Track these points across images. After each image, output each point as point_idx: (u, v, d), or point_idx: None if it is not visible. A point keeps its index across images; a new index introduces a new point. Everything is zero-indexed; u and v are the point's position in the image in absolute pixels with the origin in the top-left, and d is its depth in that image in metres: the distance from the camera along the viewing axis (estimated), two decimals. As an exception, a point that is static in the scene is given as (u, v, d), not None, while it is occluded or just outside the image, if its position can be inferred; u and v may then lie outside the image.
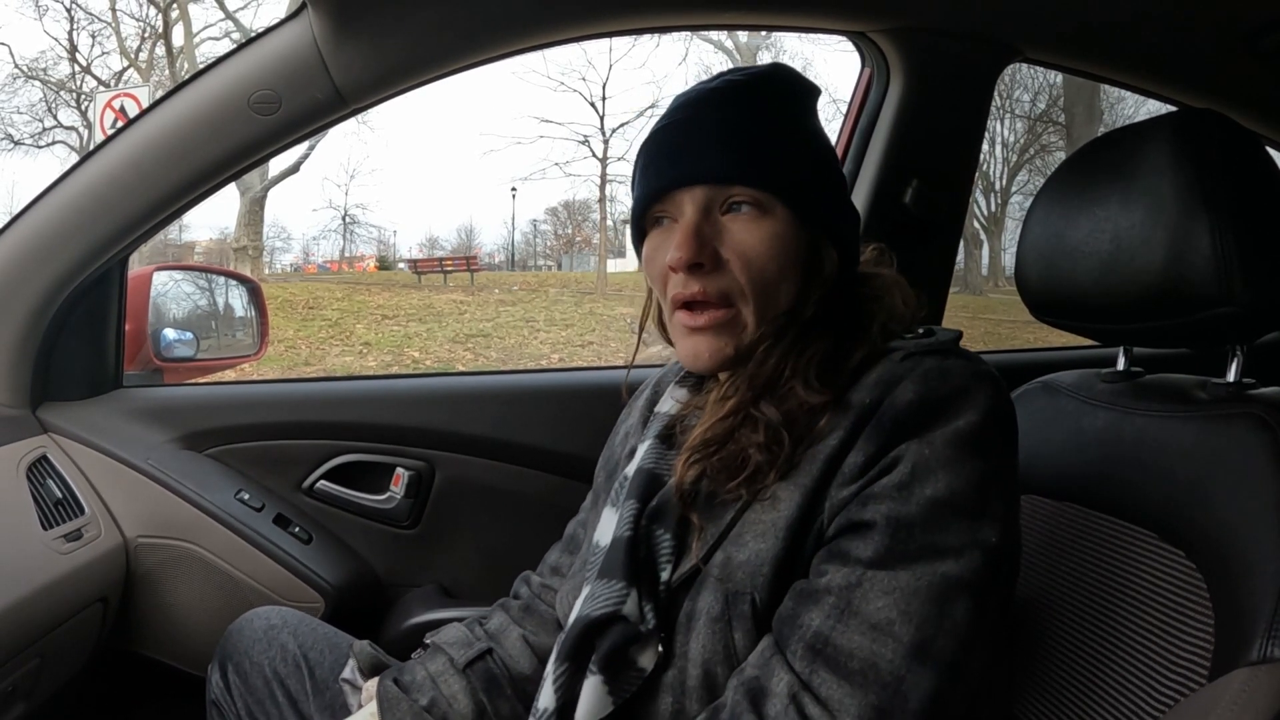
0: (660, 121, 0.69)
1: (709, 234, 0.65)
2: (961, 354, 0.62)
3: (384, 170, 29.84)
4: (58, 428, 1.11)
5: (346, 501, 1.20)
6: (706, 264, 0.64)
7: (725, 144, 0.64)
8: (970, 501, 0.55)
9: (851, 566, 0.56)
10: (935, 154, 1.21)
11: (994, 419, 0.58)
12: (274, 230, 17.49)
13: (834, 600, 0.55)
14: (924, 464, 0.56)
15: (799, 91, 0.70)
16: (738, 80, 0.68)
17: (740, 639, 0.59)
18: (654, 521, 0.66)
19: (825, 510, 0.59)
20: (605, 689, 0.61)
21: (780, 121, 0.67)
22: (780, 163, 0.65)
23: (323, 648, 0.86)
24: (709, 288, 0.64)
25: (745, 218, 0.65)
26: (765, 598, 0.59)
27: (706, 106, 0.67)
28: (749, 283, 0.64)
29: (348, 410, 1.22)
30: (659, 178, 0.66)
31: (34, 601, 0.86)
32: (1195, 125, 0.68)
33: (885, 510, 0.56)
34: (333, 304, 9.26)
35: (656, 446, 0.73)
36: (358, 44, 0.92)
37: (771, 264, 0.64)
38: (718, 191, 0.65)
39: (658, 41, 14.62)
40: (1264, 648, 0.54)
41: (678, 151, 0.66)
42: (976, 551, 0.55)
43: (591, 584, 0.66)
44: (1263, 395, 0.67)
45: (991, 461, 0.57)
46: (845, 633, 0.54)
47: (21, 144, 13.40)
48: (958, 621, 0.53)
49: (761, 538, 0.60)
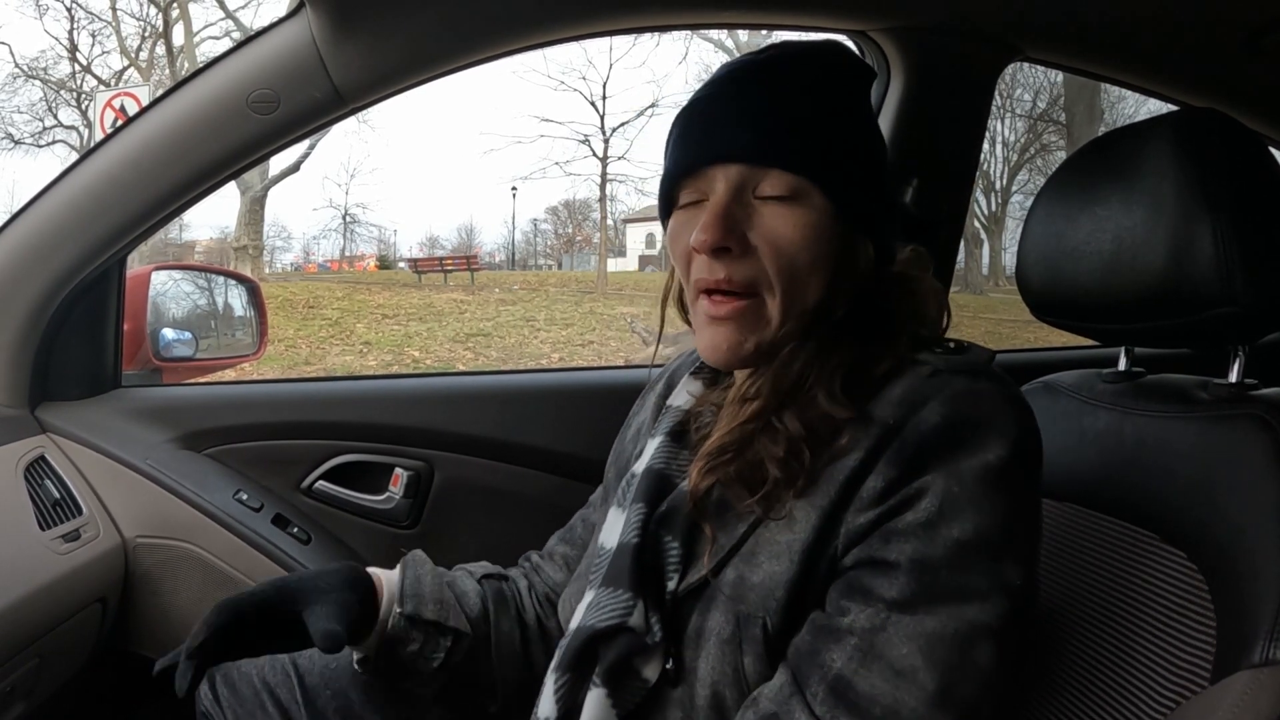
0: (700, 91, 0.65)
1: (739, 216, 0.60)
2: (993, 376, 0.58)
3: (384, 169, 29.96)
4: (56, 427, 1.11)
5: (345, 502, 1.19)
6: (734, 249, 0.60)
7: (764, 122, 0.60)
8: (996, 542, 0.53)
9: (875, 607, 0.53)
10: (936, 153, 1.20)
11: (1023, 450, 0.55)
12: (274, 229, 17.56)
13: (856, 642, 0.53)
14: (952, 502, 0.53)
15: (853, 73, 0.65)
16: (787, 54, 0.63)
17: (750, 663, 0.57)
18: (662, 528, 0.63)
19: (841, 536, 0.56)
20: (609, 701, 0.59)
21: (827, 104, 0.62)
22: (822, 148, 0.61)
23: (312, 654, 0.82)
24: (734, 274, 0.60)
25: (779, 203, 0.60)
26: (777, 622, 0.56)
27: (750, 81, 0.62)
28: (778, 273, 0.60)
29: (347, 410, 1.22)
30: (691, 151, 0.63)
31: (32, 602, 0.86)
32: (1197, 125, 0.68)
33: (910, 551, 0.53)
34: (333, 303, 9.26)
35: (668, 444, 0.70)
36: (356, 43, 0.92)
37: (803, 254, 0.60)
38: (752, 173, 0.61)
39: (658, 41, 14.64)
40: (1266, 650, 0.54)
41: (714, 125, 0.62)
42: (1001, 596, 0.53)
43: (596, 591, 0.64)
44: (1264, 396, 0.66)
45: (1017, 499, 0.55)
46: (868, 677, 0.52)
47: (22, 143, 13.45)
48: (981, 667, 0.52)
49: (776, 559, 0.57)
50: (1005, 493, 0.54)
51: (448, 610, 0.77)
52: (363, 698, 0.80)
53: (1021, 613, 0.54)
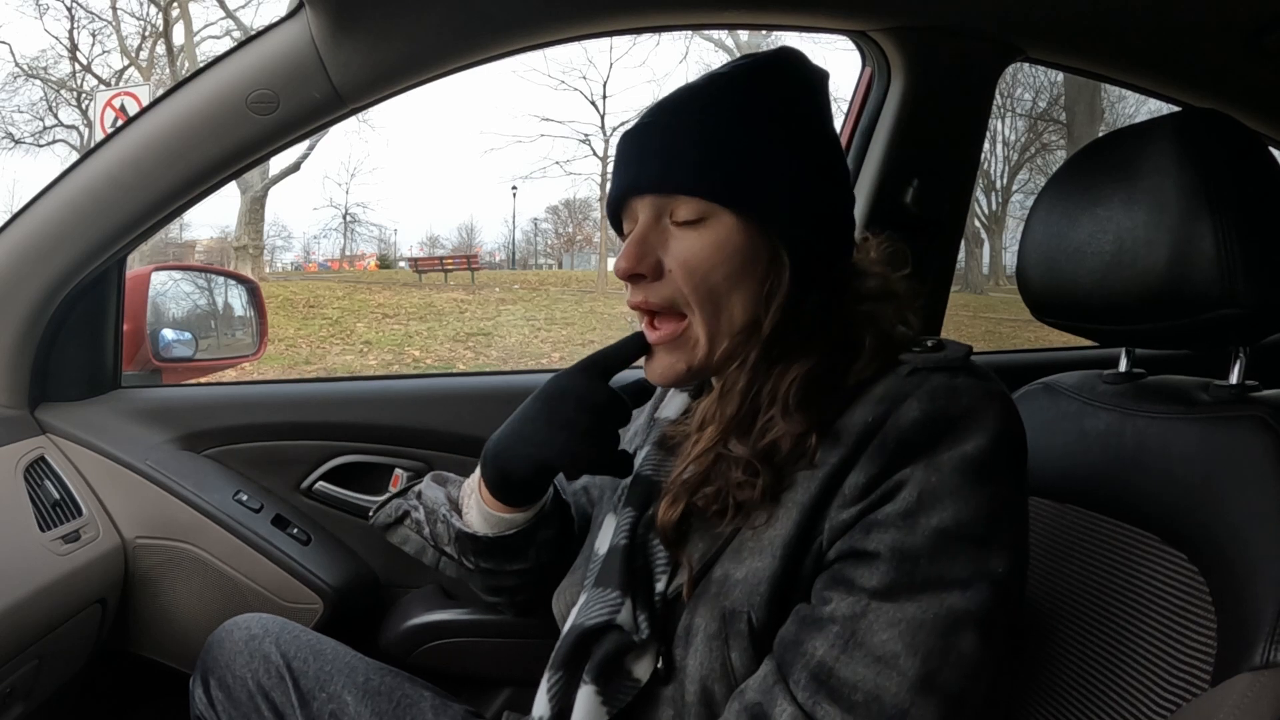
0: (630, 123, 0.68)
1: (654, 243, 0.63)
2: (972, 371, 0.59)
3: (385, 169, 29.95)
4: (56, 428, 1.11)
5: (345, 502, 1.19)
6: (647, 274, 0.63)
7: (664, 152, 0.63)
8: (978, 531, 0.54)
9: (856, 595, 0.54)
10: (936, 153, 1.20)
11: (1004, 442, 0.56)
12: (275, 229, 17.58)
13: (838, 630, 0.54)
14: (930, 492, 0.54)
15: (777, 86, 0.65)
16: (715, 78, 0.65)
17: (737, 658, 0.58)
18: (651, 530, 0.65)
19: (825, 531, 0.57)
20: (599, 699, 0.60)
21: (734, 123, 0.63)
22: (730, 170, 0.62)
23: (306, 655, 0.83)
24: (651, 297, 0.64)
25: (690, 227, 0.62)
26: (762, 617, 0.57)
27: (661, 112, 0.65)
28: (692, 292, 0.62)
29: (346, 411, 1.21)
30: (616, 185, 0.66)
31: (32, 603, 0.86)
32: (1198, 125, 0.68)
33: (890, 540, 0.54)
34: (333, 303, 9.27)
35: (655, 452, 0.72)
36: (356, 43, 0.92)
37: (715, 273, 0.61)
38: (664, 200, 0.63)
39: (658, 40, 14.64)
40: (1267, 652, 0.54)
41: (630, 159, 0.65)
42: (984, 583, 0.53)
43: (588, 592, 0.66)
44: (1266, 397, 0.66)
45: (1001, 488, 0.55)
46: (849, 664, 0.53)
47: (22, 143, 13.47)
48: (964, 654, 0.52)
49: (758, 555, 0.58)
50: (986, 483, 0.55)
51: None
52: (358, 699, 0.80)
53: (1007, 602, 0.55)
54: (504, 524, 0.74)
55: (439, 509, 0.81)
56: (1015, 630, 0.59)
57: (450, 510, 0.79)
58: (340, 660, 0.83)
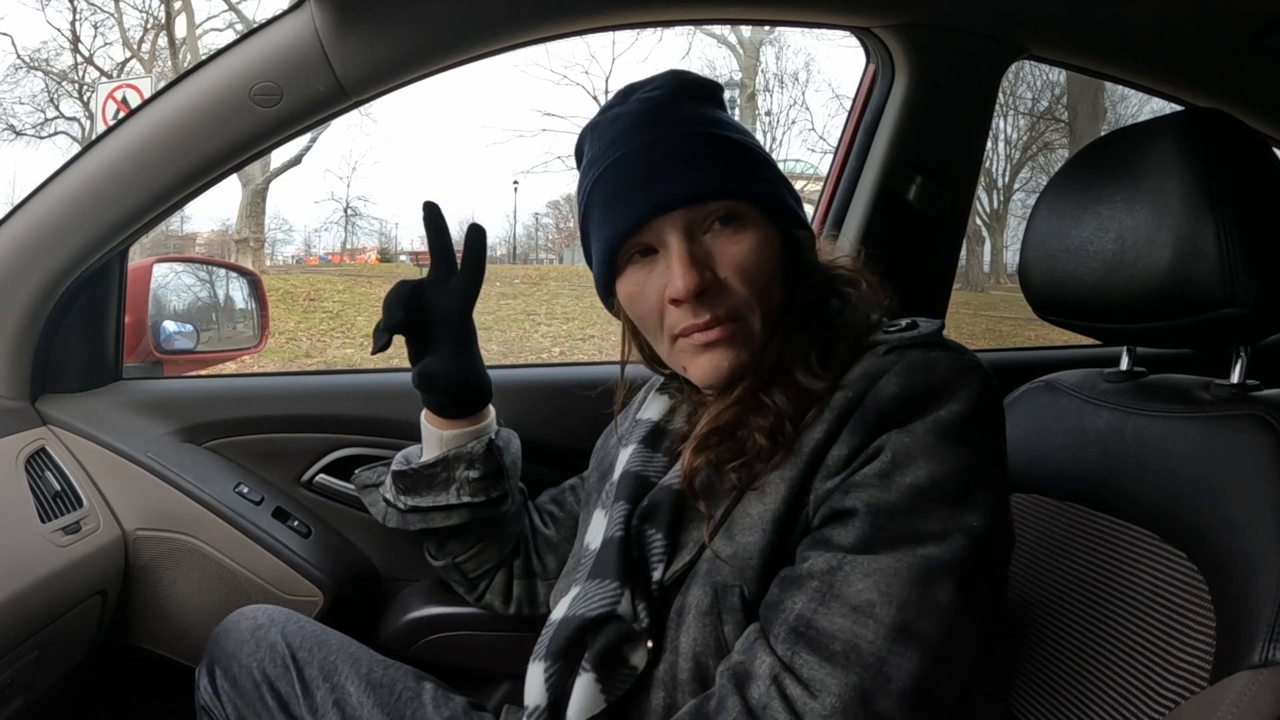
0: (610, 155, 0.65)
1: (702, 257, 0.63)
2: (947, 345, 0.61)
3: (386, 162, 29.88)
4: (56, 420, 1.11)
5: (346, 495, 1.19)
6: (710, 289, 0.63)
7: (698, 160, 0.63)
8: (952, 488, 0.55)
9: (833, 552, 0.56)
10: (939, 151, 1.20)
11: (979, 409, 0.58)
12: (276, 222, 17.55)
13: (816, 584, 0.55)
14: (905, 452, 0.56)
15: (715, 91, 0.70)
16: (665, 94, 0.66)
17: (730, 631, 0.59)
18: (645, 521, 0.66)
19: (810, 503, 0.59)
20: (598, 687, 0.61)
21: (728, 125, 0.66)
22: (746, 167, 0.64)
23: (311, 645, 0.84)
24: (718, 311, 0.63)
25: (729, 232, 0.64)
26: (754, 589, 0.59)
27: (659, 126, 0.64)
28: (752, 295, 0.64)
29: (348, 404, 1.21)
30: (633, 209, 0.63)
31: (32, 594, 0.86)
32: (1201, 125, 0.68)
33: (866, 497, 0.56)
34: (334, 296, 9.25)
35: (642, 450, 0.74)
36: (359, 36, 0.92)
37: (763, 270, 0.65)
38: (697, 211, 0.63)
39: (661, 35, 14.59)
40: (1265, 651, 0.54)
41: (648, 178, 0.63)
42: (960, 535, 0.54)
43: (583, 584, 0.67)
44: (1266, 397, 0.66)
45: (976, 451, 0.57)
46: (827, 615, 0.54)
47: (24, 134, 13.43)
48: (941, 604, 0.53)
49: (749, 531, 0.60)
50: (960, 443, 0.56)
51: (516, 472, 0.95)
52: (361, 690, 0.81)
53: (987, 559, 0.56)
54: (445, 441, 0.90)
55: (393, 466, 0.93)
56: (1001, 598, 0.61)
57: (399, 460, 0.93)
58: (344, 651, 0.84)
